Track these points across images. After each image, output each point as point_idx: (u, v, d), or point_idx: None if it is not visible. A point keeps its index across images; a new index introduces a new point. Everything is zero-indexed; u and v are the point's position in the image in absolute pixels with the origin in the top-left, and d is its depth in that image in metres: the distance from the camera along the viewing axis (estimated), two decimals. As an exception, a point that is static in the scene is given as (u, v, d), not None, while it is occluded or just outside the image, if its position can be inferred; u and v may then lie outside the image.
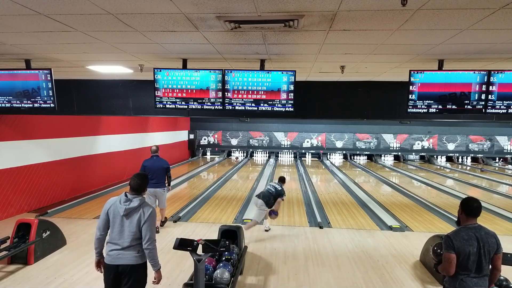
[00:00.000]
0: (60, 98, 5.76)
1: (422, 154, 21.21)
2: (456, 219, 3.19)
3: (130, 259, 3.27)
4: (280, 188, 7.03)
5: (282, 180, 7.32)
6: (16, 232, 5.47)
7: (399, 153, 21.32)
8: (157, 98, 5.42)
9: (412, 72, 5.02)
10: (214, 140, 21.75)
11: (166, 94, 5.39)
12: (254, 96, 5.30)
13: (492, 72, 4.89)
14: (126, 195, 3.33)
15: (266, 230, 7.22)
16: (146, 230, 3.25)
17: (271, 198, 6.82)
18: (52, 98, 5.60)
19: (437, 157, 21.24)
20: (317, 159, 21.49)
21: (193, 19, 3.36)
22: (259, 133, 21.56)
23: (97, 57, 5.21)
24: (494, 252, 2.94)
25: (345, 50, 4.54)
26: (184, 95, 5.36)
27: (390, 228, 7.52)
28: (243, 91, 5.29)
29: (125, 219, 3.27)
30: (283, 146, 21.44)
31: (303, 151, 21.55)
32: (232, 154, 22.05)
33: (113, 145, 12.32)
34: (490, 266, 2.98)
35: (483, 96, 4.96)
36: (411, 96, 5.08)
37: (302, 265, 5.56)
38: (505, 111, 5.01)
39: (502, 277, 4.32)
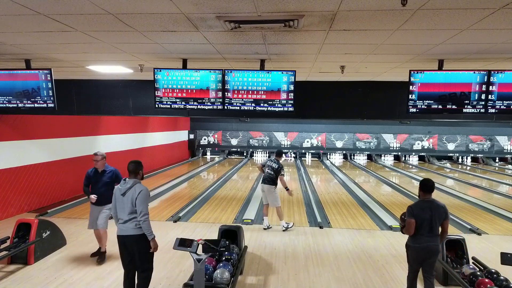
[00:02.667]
0: (60, 98, 5.76)
1: (422, 154, 21.21)
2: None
3: (130, 231, 3.92)
4: (277, 167, 7.25)
5: (278, 154, 7.44)
6: (16, 232, 5.47)
7: (399, 153, 21.32)
8: (157, 98, 5.42)
9: (412, 72, 5.01)
10: (214, 140, 21.74)
11: (166, 94, 5.38)
12: (254, 96, 5.30)
13: (492, 72, 4.88)
14: (124, 179, 4.05)
15: (265, 228, 7.23)
16: (138, 206, 3.87)
17: (275, 180, 7.21)
18: (52, 98, 5.59)
19: (438, 158, 21.24)
20: (317, 159, 21.48)
21: (193, 19, 3.36)
22: (259, 133, 21.55)
23: (97, 57, 5.21)
24: (443, 219, 4.00)
25: (345, 50, 4.54)
26: (184, 95, 5.36)
27: (390, 228, 7.52)
28: (243, 91, 5.29)
29: (122, 198, 3.94)
30: (283, 146, 21.41)
31: (303, 151, 21.55)
32: (233, 154, 22.08)
33: (113, 145, 12.31)
34: (441, 229, 4.03)
35: (483, 96, 4.96)
36: (411, 96, 5.08)
37: (302, 265, 5.56)
38: (505, 111, 5.01)
39: (502, 277, 4.32)
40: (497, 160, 21.06)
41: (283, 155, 7.61)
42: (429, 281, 4.11)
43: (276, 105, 5.31)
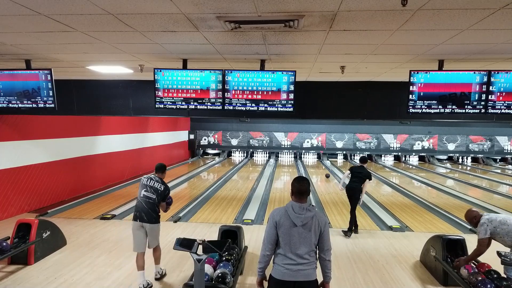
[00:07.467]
0: (60, 98, 5.76)
1: (422, 154, 21.21)
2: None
3: None
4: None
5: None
6: (16, 232, 5.47)
7: (399, 153, 21.31)
8: (157, 98, 5.41)
9: (412, 72, 5.02)
10: (214, 140, 21.73)
11: (166, 94, 5.38)
12: (254, 96, 5.30)
13: (492, 72, 4.89)
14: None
15: None
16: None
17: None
18: (52, 98, 5.60)
19: (438, 159, 21.24)
20: (317, 159, 21.48)
21: (193, 19, 3.36)
22: (259, 133, 21.55)
23: (97, 57, 5.21)
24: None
25: (345, 50, 4.54)
26: (184, 95, 5.36)
27: (390, 228, 7.51)
28: (243, 91, 5.29)
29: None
30: (283, 146, 21.42)
31: (303, 151, 21.55)
32: (233, 154, 22.06)
33: (113, 145, 12.31)
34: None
35: (483, 96, 4.96)
36: (411, 96, 5.08)
37: (302, 265, 5.54)
38: (505, 111, 5.01)
39: (502, 277, 4.31)
40: (497, 160, 21.05)
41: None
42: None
43: (276, 105, 5.31)
